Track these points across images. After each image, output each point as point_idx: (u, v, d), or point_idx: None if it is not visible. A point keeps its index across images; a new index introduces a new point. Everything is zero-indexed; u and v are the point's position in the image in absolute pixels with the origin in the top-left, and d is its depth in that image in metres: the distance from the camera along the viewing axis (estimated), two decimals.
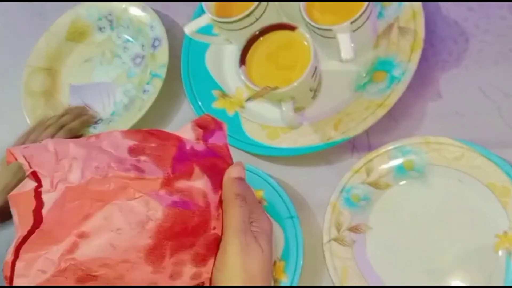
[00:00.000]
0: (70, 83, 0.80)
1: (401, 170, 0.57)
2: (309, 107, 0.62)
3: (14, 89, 0.80)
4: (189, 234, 0.36)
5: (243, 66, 0.59)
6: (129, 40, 0.78)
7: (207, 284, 0.39)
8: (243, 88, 0.66)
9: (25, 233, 0.33)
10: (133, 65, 0.76)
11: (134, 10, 0.77)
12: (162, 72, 0.70)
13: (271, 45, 0.60)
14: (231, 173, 0.40)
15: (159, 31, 0.73)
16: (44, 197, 0.34)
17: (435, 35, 0.61)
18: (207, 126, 0.40)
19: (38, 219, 0.33)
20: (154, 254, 0.35)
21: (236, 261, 0.38)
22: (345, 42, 0.55)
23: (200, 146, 0.39)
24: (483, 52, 0.59)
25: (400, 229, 0.56)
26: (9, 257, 0.33)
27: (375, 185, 0.57)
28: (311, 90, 0.60)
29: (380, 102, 0.58)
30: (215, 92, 0.68)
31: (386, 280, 0.55)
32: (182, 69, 0.69)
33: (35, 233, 0.33)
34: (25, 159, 0.34)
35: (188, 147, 0.39)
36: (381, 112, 0.58)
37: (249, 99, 0.57)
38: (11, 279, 0.33)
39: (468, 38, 0.60)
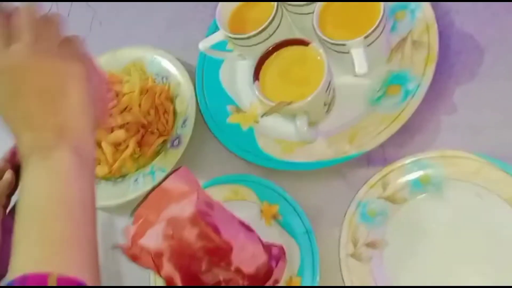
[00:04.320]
0: None
1: (418, 185, 0.56)
2: (323, 122, 0.62)
3: None
4: None
5: (256, 82, 0.59)
6: None
7: None
8: (257, 103, 0.66)
9: None
10: None
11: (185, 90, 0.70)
12: (165, 170, 0.66)
13: (285, 60, 0.60)
14: None
15: (186, 129, 0.67)
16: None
17: (449, 49, 0.61)
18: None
19: None
20: None
21: None
22: (359, 57, 0.55)
23: None
24: (498, 65, 0.59)
25: (417, 245, 0.55)
26: None
27: (391, 199, 0.57)
28: (325, 105, 0.60)
29: (395, 116, 0.58)
30: (229, 108, 0.68)
31: None
32: (197, 86, 0.70)
33: None
34: None
35: None
36: (396, 126, 0.57)
37: (264, 114, 0.57)
38: None
39: (482, 51, 0.60)
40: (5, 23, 0.43)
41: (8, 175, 0.53)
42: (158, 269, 0.54)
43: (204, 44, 0.64)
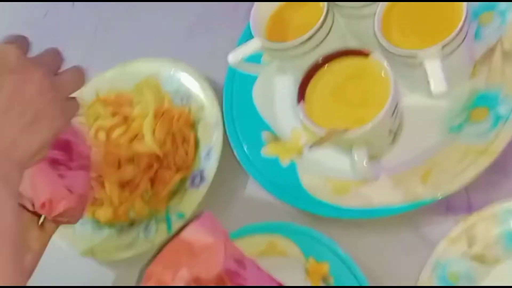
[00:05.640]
0: None
1: None
2: (388, 155, 0.56)
3: None
4: None
5: (302, 103, 0.53)
6: None
7: None
8: (300, 130, 0.60)
9: None
10: None
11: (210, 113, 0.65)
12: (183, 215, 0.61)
13: (338, 76, 0.54)
14: None
15: (211, 163, 0.61)
16: None
17: None
18: None
19: None
20: None
21: None
22: (435, 71, 0.49)
23: None
24: None
25: None
26: None
27: (480, 259, 0.50)
28: (390, 133, 0.54)
29: (483, 148, 0.52)
30: (264, 135, 0.62)
31: None
32: (225, 109, 0.64)
33: None
34: None
35: None
36: (485, 162, 0.51)
37: (311, 145, 0.51)
38: None
39: None
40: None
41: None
42: None
43: (235, 56, 0.59)
